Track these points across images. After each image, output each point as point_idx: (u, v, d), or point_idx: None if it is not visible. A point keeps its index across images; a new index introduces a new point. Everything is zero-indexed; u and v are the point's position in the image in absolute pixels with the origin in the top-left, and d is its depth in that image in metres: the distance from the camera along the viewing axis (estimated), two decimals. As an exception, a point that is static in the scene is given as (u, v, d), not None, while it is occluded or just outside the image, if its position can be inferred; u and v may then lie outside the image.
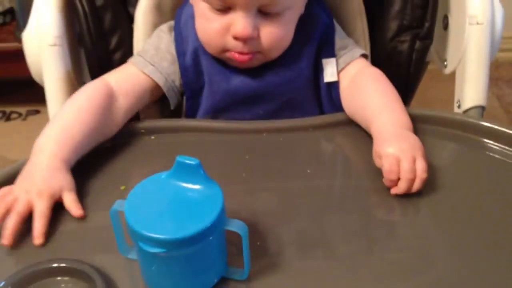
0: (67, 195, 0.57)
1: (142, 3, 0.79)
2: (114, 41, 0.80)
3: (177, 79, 0.74)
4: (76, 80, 0.79)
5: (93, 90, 0.68)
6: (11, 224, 0.54)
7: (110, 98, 0.68)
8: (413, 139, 0.62)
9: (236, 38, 0.67)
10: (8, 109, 1.82)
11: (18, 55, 1.59)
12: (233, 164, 0.66)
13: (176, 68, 0.73)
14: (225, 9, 0.66)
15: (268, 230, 0.56)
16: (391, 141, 0.61)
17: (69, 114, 0.65)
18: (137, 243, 0.46)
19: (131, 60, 0.74)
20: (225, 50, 0.70)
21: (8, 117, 1.80)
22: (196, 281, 0.49)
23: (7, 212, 0.54)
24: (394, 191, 0.59)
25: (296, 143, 0.70)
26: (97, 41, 0.79)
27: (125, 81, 0.71)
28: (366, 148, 0.67)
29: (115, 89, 0.69)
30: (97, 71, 0.79)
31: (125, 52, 0.80)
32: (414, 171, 0.58)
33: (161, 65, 0.72)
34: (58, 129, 0.63)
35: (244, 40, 0.67)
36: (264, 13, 0.67)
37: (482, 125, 0.69)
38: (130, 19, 0.81)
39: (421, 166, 0.59)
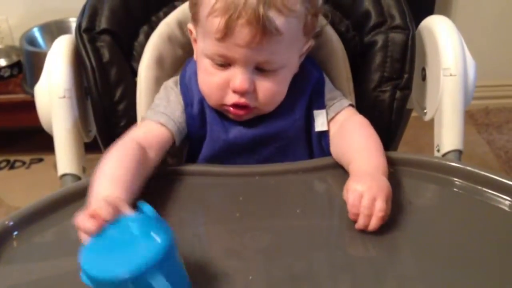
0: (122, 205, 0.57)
1: (145, 59, 0.84)
2: (118, 93, 0.84)
3: (185, 125, 0.78)
4: (82, 129, 0.84)
5: (127, 146, 0.71)
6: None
7: (143, 152, 0.71)
8: (382, 181, 0.65)
9: (234, 91, 0.72)
10: (12, 158, 1.85)
11: (24, 106, 1.68)
12: (228, 205, 0.70)
13: (185, 115, 0.79)
14: (225, 65, 0.72)
15: (259, 265, 0.59)
16: (361, 179, 0.65)
17: (112, 166, 0.67)
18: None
19: (146, 116, 0.78)
20: (224, 103, 0.75)
21: (12, 166, 1.82)
22: None
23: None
24: (356, 226, 0.63)
25: (287, 186, 0.73)
26: (103, 93, 0.83)
27: (149, 135, 0.74)
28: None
29: (144, 144, 0.72)
30: (102, 120, 0.84)
31: (128, 103, 0.85)
32: (371, 208, 0.62)
33: (173, 114, 0.77)
34: (107, 179, 0.65)
35: (242, 93, 0.72)
36: (260, 70, 0.72)
37: (458, 167, 0.73)
38: (134, 73, 0.86)
39: (378, 206, 0.62)
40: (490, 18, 1.98)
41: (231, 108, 0.75)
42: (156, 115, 0.77)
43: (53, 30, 1.78)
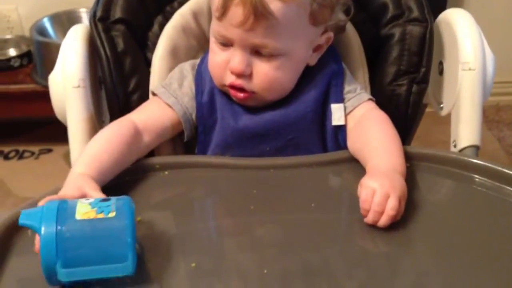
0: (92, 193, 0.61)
1: (159, 49, 0.84)
2: (132, 83, 0.84)
3: (194, 113, 0.79)
4: (96, 119, 0.83)
5: (120, 126, 0.74)
6: None
7: (135, 134, 0.74)
8: (397, 180, 0.65)
9: (231, 72, 0.73)
10: (21, 148, 1.83)
11: (34, 96, 1.68)
12: (242, 198, 0.69)
13: (194, 104, 0.79)
14: (227, 45, 0.73)
15: (273, 259, 0.59)
16: (376, 176, 0.65)
17: (98, 145, 0.71)
18: None
19: (156, 91, 0.79)
20: (224, 84, 0.75)
21: (21, 156, 1.81)
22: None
23: None
24: (365, 220, 0.63)
25: (301, 179, 0.73)
26: (118, 83, 0.83)
27: (149, 120, 0.76)
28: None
29: (140, 128, 0.75)
30: (116, 111, 0.83)
31: (142, 93, 0.84)
32: (383, 205, 0.61)
33: (182, 99, 0.78)
34: (88, 157, 0.69)
35: (237, 74, 0.73)
36: (259, 54, 0.72)
37: (476, 163, 0.72)
38: (148, 63, 0.86)
39: (391, 204, 0.61)
40: (502, 14, 1.96)
41: (230, 89, 0.75)
42: (165, 95, 0.78)
43: (63, 20, 1.78)
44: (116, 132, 0.73)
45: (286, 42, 0.72)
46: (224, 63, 0.74)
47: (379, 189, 0.62)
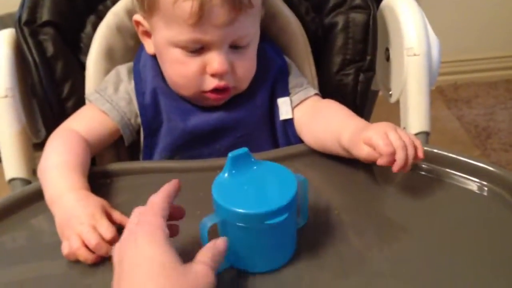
0: (112, 211, 0.61)
1: (93, 51, 0.80)
2: (66, 89, 0.80)
3: (132, 118, 0.76)
4: (30, 129, 0.79)
5: (67, 133, 0.71)
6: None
7: (85, 144, 0.70)
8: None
9: (213, 75, 0.70)
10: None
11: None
12: (187, 202, 0.66)
13: (132, 108, 0.76)
14: (199, 51, 0.69)
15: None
16: (371, 126, 0.63)
17: (61, 153, 0.67)
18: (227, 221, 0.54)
19: (90, 98, 0.76)
20: (202, 90, 0.72)
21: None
22: (274, 256, 0.56)
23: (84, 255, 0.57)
24: (396, 167, 0.60)
25: (250, 178, 0.71)
26: (49, 90, 0.78)
27: (89, 128, 0.73)
28: (317, 180, 0.69)
29: (84, 137, 0.71)
30: (50, 120, 0.79)
31: (78, 99, 0.80)
32: (401, 139, 0.60)
33: (118, 104, 0.75)
34: (57, 171, 0.64)
35: (221, 75, 0.70)
36: (234, 48, 0.70)
37: (426, 150, 0.70)
38: (82, 67, 0.81)
39: (405, 133, 0.61)
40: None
41: (212, 94, 0.72)
42: (99, 101, 0.75)
43: (8, 23, 1.69)
44: (68, 138, 0.70)
45: (255, 28, 0.72)
46: (201, 70, 0.70)
47: (389, 129, 0.61)
